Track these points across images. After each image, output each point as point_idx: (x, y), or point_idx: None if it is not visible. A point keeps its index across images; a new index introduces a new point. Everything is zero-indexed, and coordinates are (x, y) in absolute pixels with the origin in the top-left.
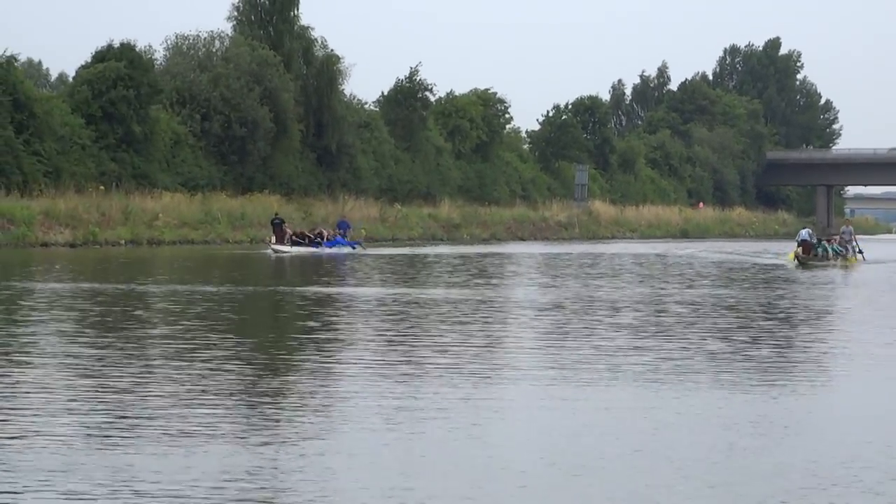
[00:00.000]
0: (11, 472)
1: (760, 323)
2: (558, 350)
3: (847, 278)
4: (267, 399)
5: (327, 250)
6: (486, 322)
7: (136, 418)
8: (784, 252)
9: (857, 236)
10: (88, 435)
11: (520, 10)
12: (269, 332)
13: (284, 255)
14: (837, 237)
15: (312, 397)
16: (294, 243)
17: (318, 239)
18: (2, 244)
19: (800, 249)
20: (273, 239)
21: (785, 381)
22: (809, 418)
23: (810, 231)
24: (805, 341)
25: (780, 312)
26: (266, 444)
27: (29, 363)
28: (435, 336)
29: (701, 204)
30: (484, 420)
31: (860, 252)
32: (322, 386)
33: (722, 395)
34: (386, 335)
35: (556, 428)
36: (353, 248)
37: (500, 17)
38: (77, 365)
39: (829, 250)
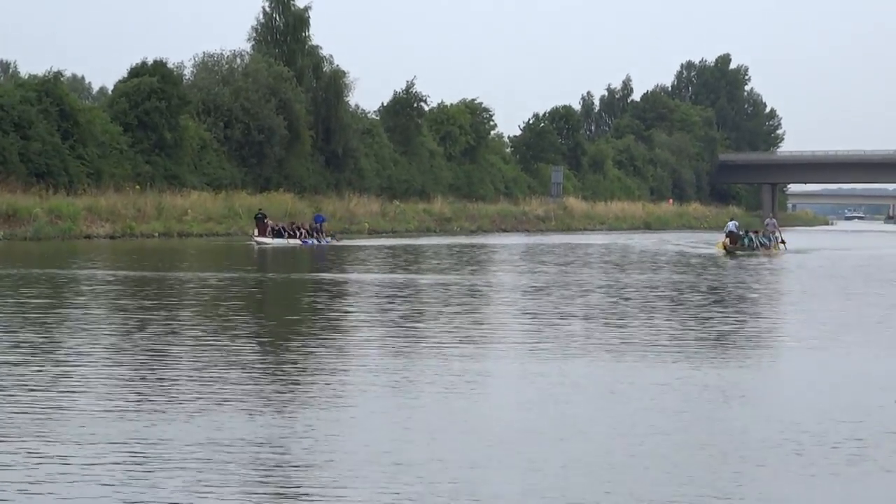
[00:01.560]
0: (53, 442)
1: (706, 305)
2: (537, 328)
3: (774, 266)
4: (279, 372)
5: (309, 242)
6: (476, 303)
7: (163, 391)
8: (713, 242)
9: (799, 228)
10: (120, 408)
11: (503, 31)
12: (282, 312)
13: (266, 246)
14: (762, 229)
15: (320, 370)
16: (275, 235)
17: (297, 232)
18: (51, 236)
19: (727, 240)
20: (256, 232)
21: (736, 357)
22: (756, 389)
23: (737, 223)
24: (741, 321)
25: (718, 295)
26: (279, 412)
27: (71, 342)
28: (431, 316)
29: (670, 200)
30: (472, 390)
31: (783, 242)
32: (329, 360)
33: (680, 369)
34: (387, 315)
35: (538, 398)
36: (328, 242)
37: (486, 37)
38: (114, 344)
39: (755, 241)
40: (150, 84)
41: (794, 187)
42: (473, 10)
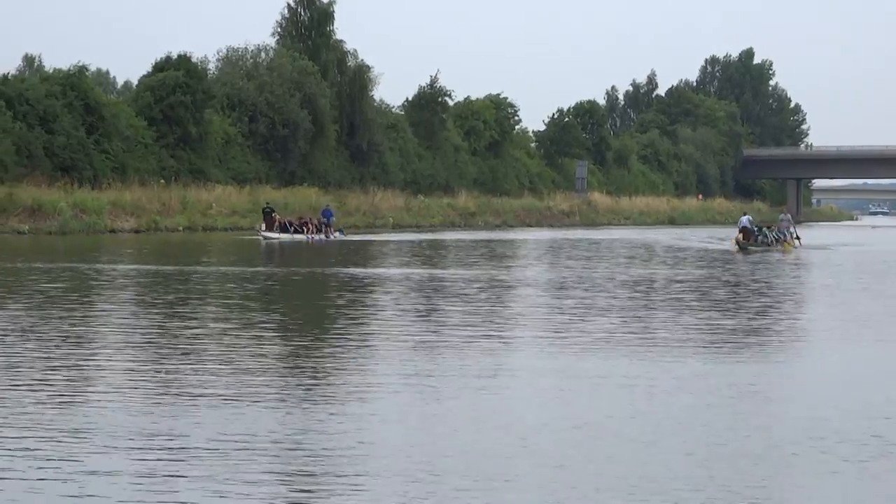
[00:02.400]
0: (83, 433)
1: (722, 300)
2: (559, 323)
3: (787, 262)
4: (299, 366)
5: (314, 237)
6: (499, 298)
7: (191, 385)
8: (726, 238)
9: (823, 223)
10: (149, 400)
11: (527, 26)
12: (306, 307)
13: (273, 241)
14: (776, 224)
15: (346, 364)
16: (282, 230)
17: (304, 227)
18: (76, 230)
19: (740, 235)
20: (263, 226)
21: (757, 353)
22: (777, 385)
23: (750, 218)
24: (761, 317)
25: (735, 291)
26: (299, 406)
27: (99, 335)
28: (454, 310)
29: (699, 196)
30: (496, 386)
31: (797, 238)
32: (350, 354)
33: (701, 364)
34: (410, 309)
35: (560, 393)
36: (335, 237)
37: (510, 32)
38: (138, 337)
39: (769, 237)
40: (175, 78)
41: (818, 182)
42: (498, 5)
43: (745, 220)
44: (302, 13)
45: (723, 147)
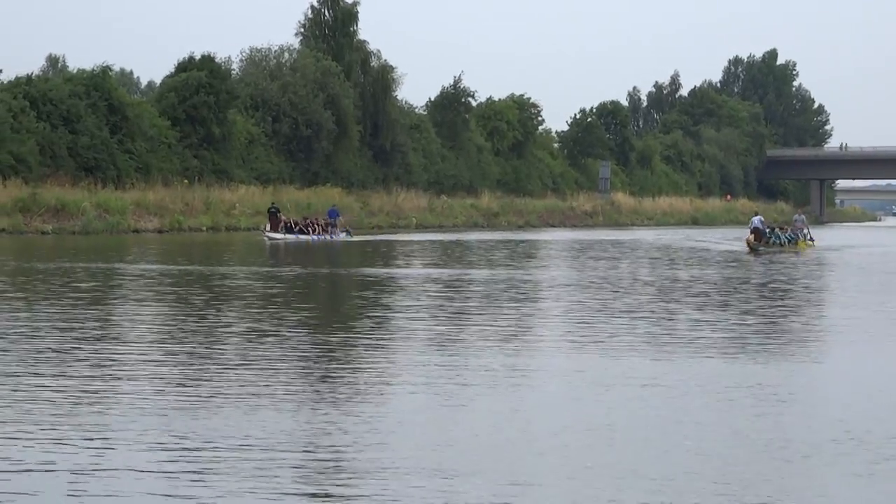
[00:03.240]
0: (110, 431)
1: (747, 300)
2: (583, 324)
3: (802, 263)
4: (321, 367)
5: (320, 237)
6: (522, 298)
7: (214, 384)
8: (740, 239)
9: (847, 223)
10: (171, 399)
11: (550, 27)
12: (329, 307)
13: (278, 242)
14: (790, 225)
15: (366, 364)
16: (287, 231)
17: (310, 228)
18: (99, 230)
19: (752, 236)
20: (268, 226)
21: (778, 353)
22: (798, 386)
23: (762, 219)
24: (779, 317)
25: (751, 291)
26: (321, 408)
27: (124, 337)
28: (477, 310)
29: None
30: (518, 387)
31: (811, 239)
32: (377, 354)
33: (722, 365)
34: (433, 309)
35: (579, 393)
36: (342, 236)
37: (534, 31)
38: (162, 337)
39: (781, 237)
40: (199, 78)
41: (842, 183)
42: (521, 5)
43: (756, 220)
44: (326, 13)
45: (746, 148)
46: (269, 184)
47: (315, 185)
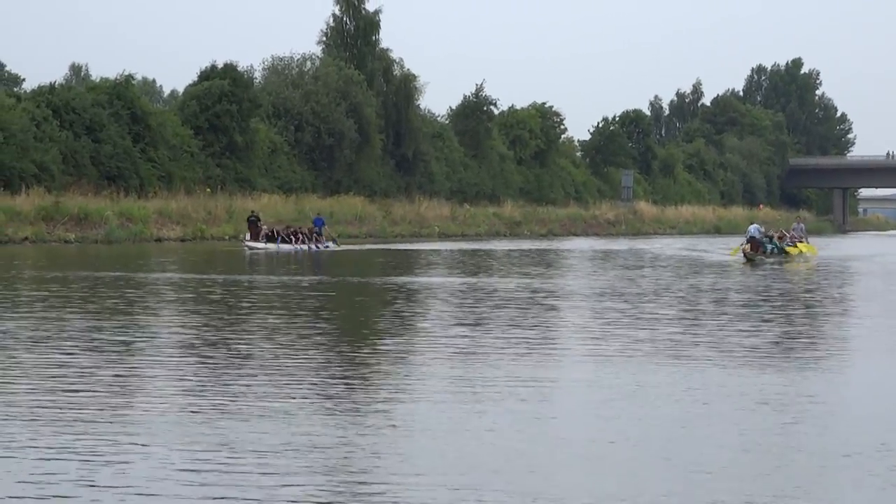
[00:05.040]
0: (131, 436)
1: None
2: (602, 332)
3: (800, 273)
4: (342, 375)
5: (303, 247)
6: (544, 308)
7: (236, 392)
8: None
9: (870, 232)
10: (195, 409)
11: (571, 35)
12: (350, 316)
13: (259, 252)
14: (788, 234)
15: (391, 374)
16: (268, 240)
17: (293, 237)
18: (122, 239)
19: (748, 246)
20: (248, 236)
21: (806, 362)
22: (817, 397)
23: (759, 227)
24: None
25: (762, 301)
26: (345, 415)
27: (146, 344)
28: (498, 320)
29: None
30: (537, 394)
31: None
32: (399, 364)
33: (751, 374)
34: (454, 319)
35: (602, 403)
36: (328, 246)
37: (555, 41)
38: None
39: (778, 247)
40: (221, 87)
41: (864, 192)
42: (542, 14)
43: (753, 229)
44: (348, 22)
45: (769, 156)
46: (292, 193)
47: (337, 194)
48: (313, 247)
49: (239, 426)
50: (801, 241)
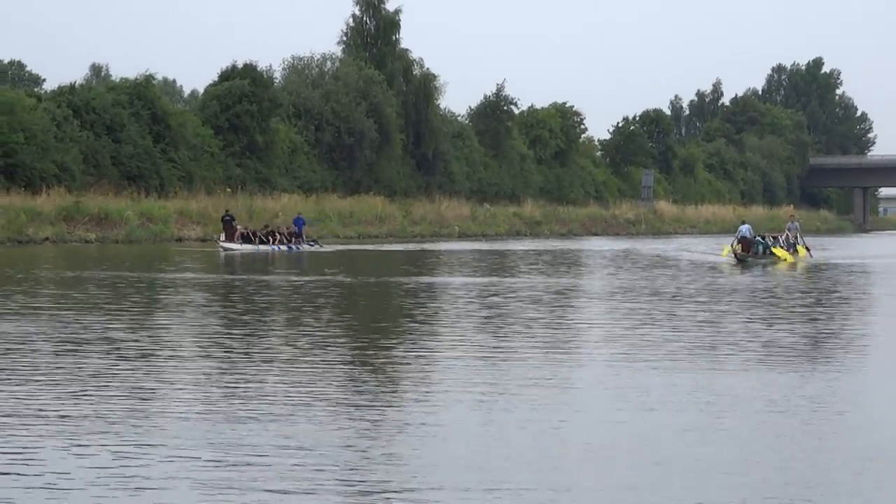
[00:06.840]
0: (149, 439)
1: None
2: (622, 333)
3: (791, 272)
4: (360, 376)
5: (281, 247)
6: (564, 309)
7: (253, 396)
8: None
9: (888, 232)
10: (214, 410)
11: (591, 35)
12: (369, 317)
13: (234, 253)
14: (782, 234)
15: (413, 376)
16: (244, 241)
17: (270, 238)
18: (142, 239)
19: (739, 246)
20: (223, 236)
21: (821, 364)
22: (837, 399)
23: (750, 227)
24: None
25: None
26: (363, 415)
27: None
28: (518, 321)
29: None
30: (558, 396)
31: (808, 249)
32: (420, 365)
33: (770, 376)
34: (475, 319)
35: (623, 405)
36: (308, 247)
37: (576, 40)
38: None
39: (768, 248)
40: (241, 87)
41: (885, 191)
42: (562, 13)
43: (744, 229)
44: (367, 22)
45: (789, 156)
46: (312, 192)
47: (357, 194)
48: (292, 247)
49: (257, 428)
50: (796, 242)
